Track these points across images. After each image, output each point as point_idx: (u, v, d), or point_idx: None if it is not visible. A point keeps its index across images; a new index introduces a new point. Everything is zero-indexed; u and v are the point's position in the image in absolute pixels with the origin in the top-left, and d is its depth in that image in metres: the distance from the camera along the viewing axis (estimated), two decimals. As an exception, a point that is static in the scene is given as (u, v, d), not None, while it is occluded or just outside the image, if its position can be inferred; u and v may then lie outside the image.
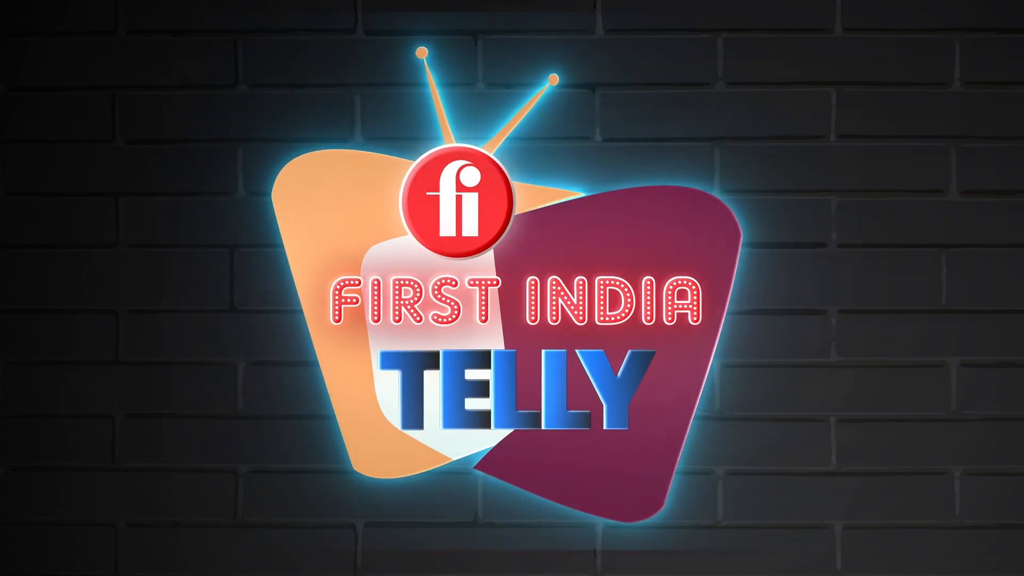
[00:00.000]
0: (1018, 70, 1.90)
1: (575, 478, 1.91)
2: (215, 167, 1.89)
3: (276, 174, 1.87)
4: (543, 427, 1.89)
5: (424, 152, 1.85)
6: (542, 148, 1.89)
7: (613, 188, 1.89)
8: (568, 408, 1.89)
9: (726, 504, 1.91)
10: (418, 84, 1.88)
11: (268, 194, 1.88)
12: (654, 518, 1.91)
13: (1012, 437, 1.91)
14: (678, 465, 1.90)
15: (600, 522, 1.92)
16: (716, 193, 1.90)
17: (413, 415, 1.86)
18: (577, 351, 1.89)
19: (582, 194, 1.89)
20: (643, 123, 1.89)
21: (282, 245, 1.87)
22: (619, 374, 1.90)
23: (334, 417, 1.87)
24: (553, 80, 1.88)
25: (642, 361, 1.90)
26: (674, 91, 1.90)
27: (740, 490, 1.91)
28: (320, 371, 1.86)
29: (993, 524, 1.91)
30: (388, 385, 1.86)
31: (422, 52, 1.86)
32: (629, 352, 1.90)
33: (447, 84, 1.88)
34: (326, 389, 1.87)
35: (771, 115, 1.90)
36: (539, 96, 1.88)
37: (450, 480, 1.90)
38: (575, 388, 1.90)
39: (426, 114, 1.88)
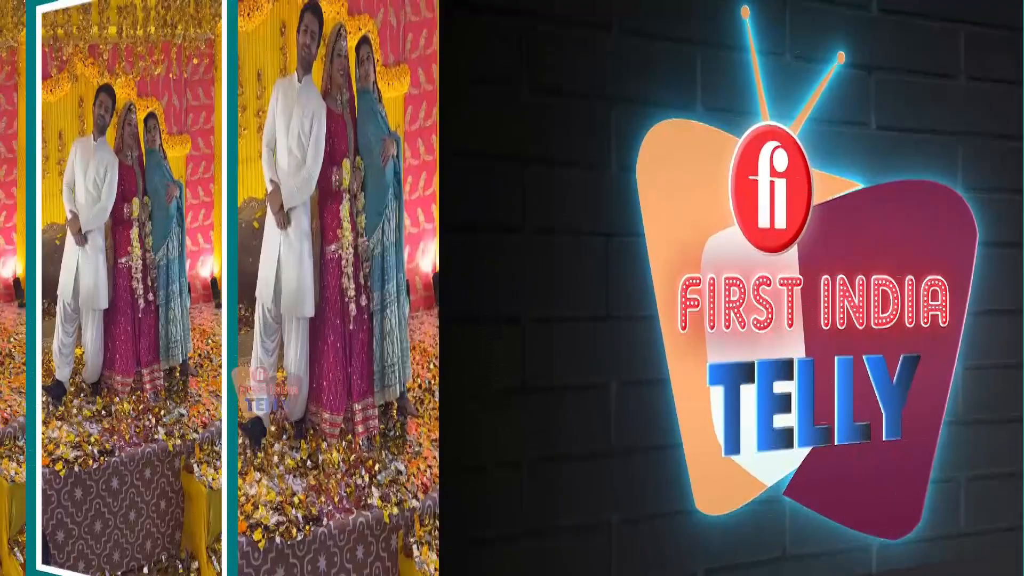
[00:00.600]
0: None
1: (853, 495, 1.74)
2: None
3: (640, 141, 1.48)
4: (835, 442, 1.70)
5: (745, 128, 1.59)
6: (828, 132, 1.71)
7: (888, 180, 1.77)
8: (854, 420, 1.72)
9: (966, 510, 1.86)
10: (740, 48, 1.60)
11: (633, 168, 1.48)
12: (914, 532, 1.80)
13: None
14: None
15: (874, 542, 1.76)
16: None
17: (733, 438, 1.59)
18: (864, 357, 1.73)
19: (860, 185, 1.74)
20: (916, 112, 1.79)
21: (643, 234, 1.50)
22: (894, 380, 1.76)
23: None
24: (840, 59, 1.71)
25: (911, 366, 1.78)
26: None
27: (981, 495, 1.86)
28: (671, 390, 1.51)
29: None
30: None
31: (745, 12, 1.60)
32: (902, 357, 1.77)
33: (761, 52, 1.62)
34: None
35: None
36: (830, 74, 1.70)
37: (761, 511, 1.63)
38: (856, 397, 1.73)
39: (747, 83, 1.60)
